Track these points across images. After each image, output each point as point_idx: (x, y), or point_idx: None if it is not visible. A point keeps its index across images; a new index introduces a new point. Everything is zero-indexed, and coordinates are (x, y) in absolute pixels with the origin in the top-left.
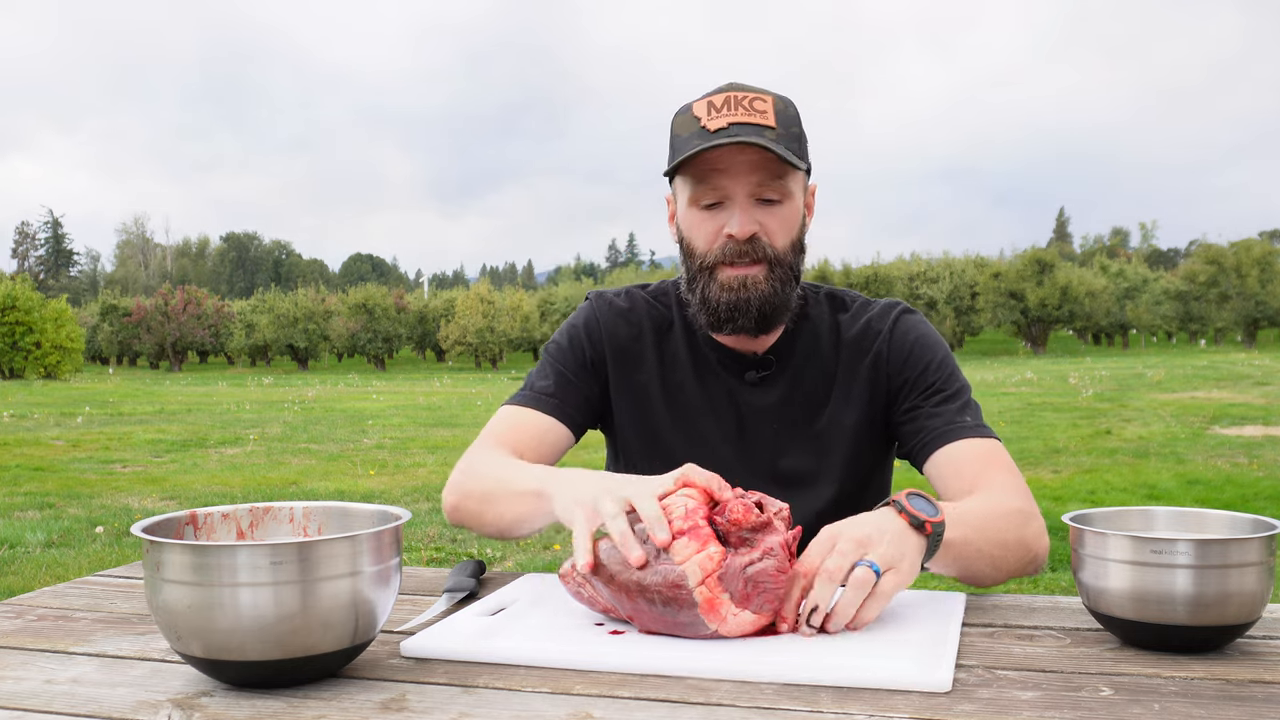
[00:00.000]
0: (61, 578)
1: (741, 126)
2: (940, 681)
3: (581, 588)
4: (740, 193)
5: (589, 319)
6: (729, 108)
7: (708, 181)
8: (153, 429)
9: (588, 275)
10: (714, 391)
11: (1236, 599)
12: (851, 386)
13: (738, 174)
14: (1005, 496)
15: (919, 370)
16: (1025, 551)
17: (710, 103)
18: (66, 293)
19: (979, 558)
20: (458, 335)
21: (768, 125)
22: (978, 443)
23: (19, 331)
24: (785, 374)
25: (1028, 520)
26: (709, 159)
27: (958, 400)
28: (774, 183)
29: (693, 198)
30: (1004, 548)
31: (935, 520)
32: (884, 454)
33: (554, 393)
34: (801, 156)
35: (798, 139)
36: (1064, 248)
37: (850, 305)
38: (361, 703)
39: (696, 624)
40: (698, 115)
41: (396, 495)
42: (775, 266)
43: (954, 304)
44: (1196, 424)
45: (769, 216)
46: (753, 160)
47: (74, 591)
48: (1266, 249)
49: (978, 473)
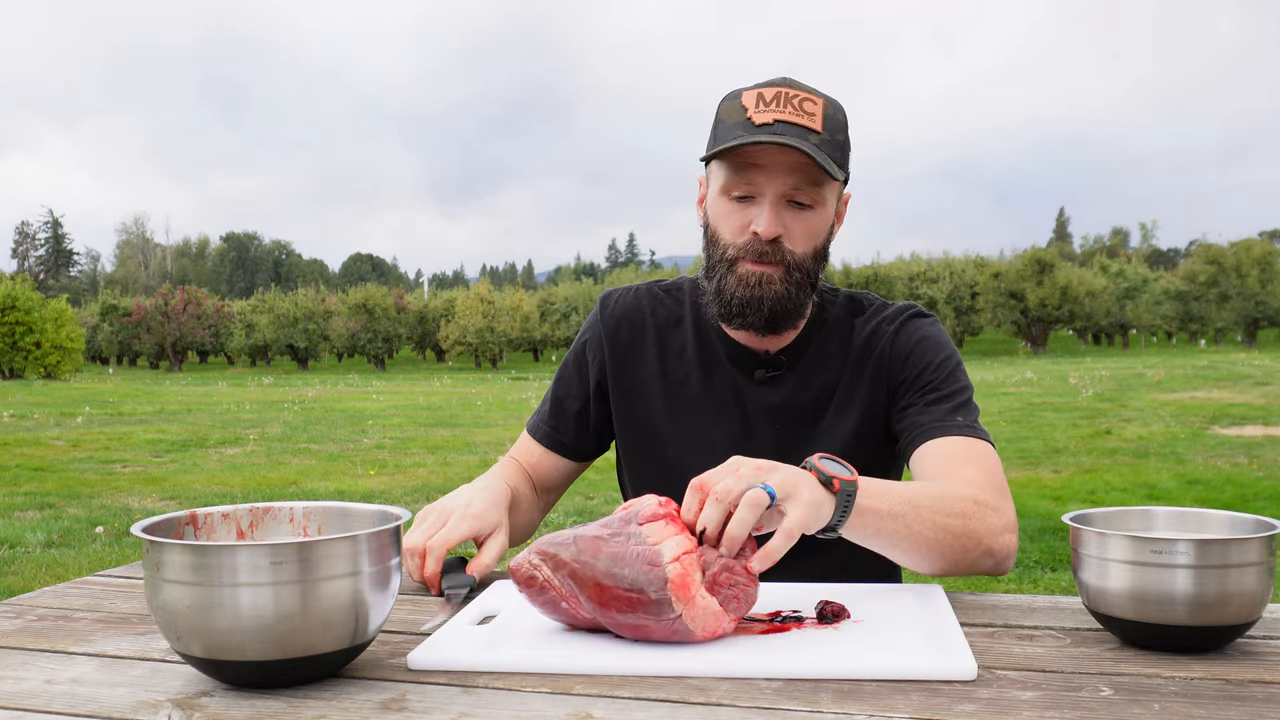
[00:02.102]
0: (61, 578)
1: (787, 126)
2: (965, 669)
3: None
4: (772, 192)
5: (590, 333)
6: (778, 104)
7: (743, 174)
8: (153, 429)
9: (588, 275)
10: (719, 387)
11: (1236, 599)
12: (856, 388)
13: (774, 173)
14: (965, 488)
15: (917, 370)
16: (974, 544)
17: (760, 95)
18: (66, 293)
19: (910, 537)
20: (458, 335)
21: (813, 129)
22: (961, 440)
23: (19, 331)
24: (794, 374)
25: (984, 513)
26: (748, 152)
27: (952, 401)
28: (809, 188)
29: (725, 186)
30: (946, 533)
31: (845, 479)
32: (888, 455)
33: (548, 420)
34: (842, 165)
35: (841, 147)
36: (1064, 248)
37: (867, 308)
38: (361, 703)
39: (663, 605)
40: (745, 105)
41: (396, 495)
42: (793, 270)
43: (954, 304)
44: (1196, 424)
45: (797, 221)
46: (792, 162)
47: (74, 591)
48: (1266, 249)
49: (953, 467)
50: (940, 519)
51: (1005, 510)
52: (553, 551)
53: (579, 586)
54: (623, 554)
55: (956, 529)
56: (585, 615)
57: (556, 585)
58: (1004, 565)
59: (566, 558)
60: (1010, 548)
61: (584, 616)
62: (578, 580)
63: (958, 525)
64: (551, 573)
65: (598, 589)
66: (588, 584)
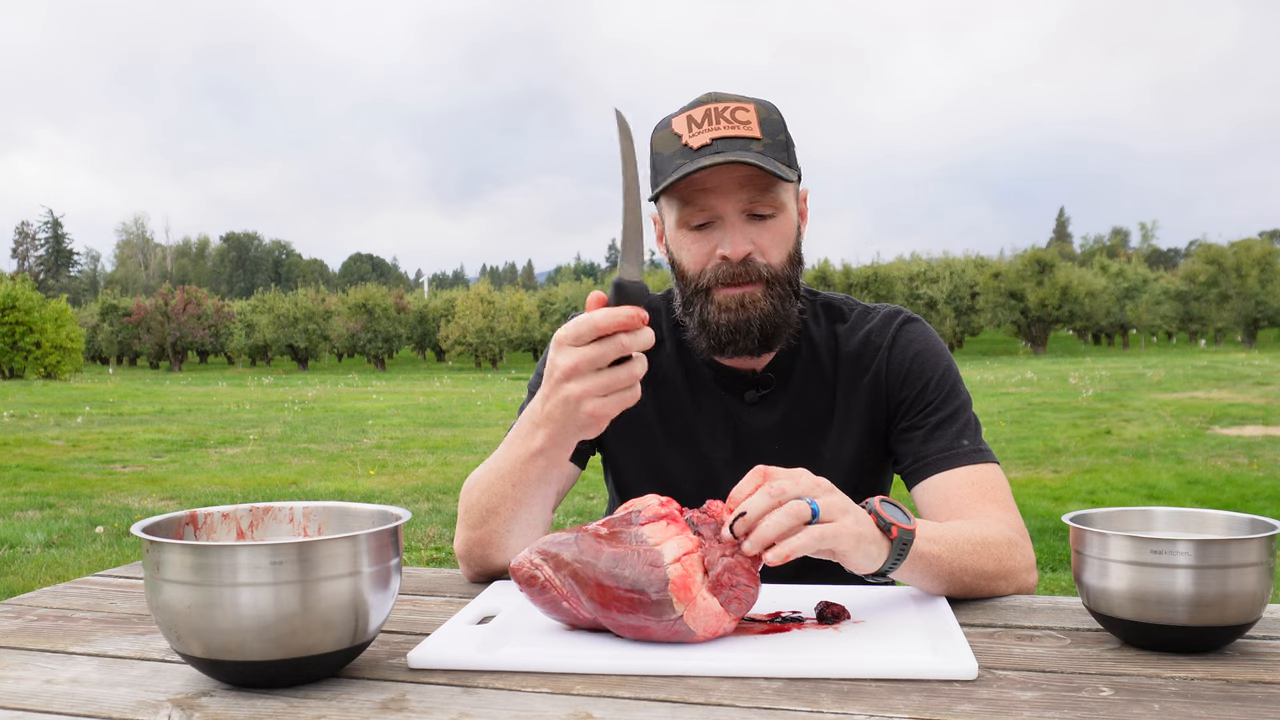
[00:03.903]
0: (61, 578)
1: (725, 141)
2: (966, 669)
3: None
4: (731, 211)
5: None
6: (710, 121)
7: (695, 202)
8: (153, 429)
9: (588, 275)
10: (711, 412)
11: (1236, 599)
12: (852, 405)
13: (726, 192)
14: (991, 526)
15: (918, 389)
16: (1008, 582)
17: (690, 117)
18: (66, 293)
19: (952, 580)
20: (458, 335)
21: (752, 136)
22: (971, 471)
23: (19, 331)
24: (786, 393)
25: (1012, 551)
26: (695, 179)
27: (956, 422)
28: (765, 197)
29: (681, 219)
30: (982, 577)
31: (904, 527)
32: (885, 472)
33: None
34: (790, 165)
35: (785, 146)
36: (1064, 248)
37: (848, 315)
38: (361, 703)
39: (664, 606)
40: (678, 132)
41: (396, 495)
42: (773, 284)
43: (954, 304)
44: (1196, 424)
45: (762, 233)
46: (741, 176)
47: (74, 591)
48: (1266, 249)
49: (968, 503)
50: (982, 564)
51: (1027, 544)
52: (554, 551)
53: (580, 586)
54: (624, 554)
55: (992, 573)
56: (586, 615)
57: (558, 585)
58: (1024, 593)
59: (568, 557)
60: (1035, 581)
61: (585, 616)
62: (579, 580)
63: (994, 569)
64: (553, 572)
65: (599, 589)
66: (589, 584)
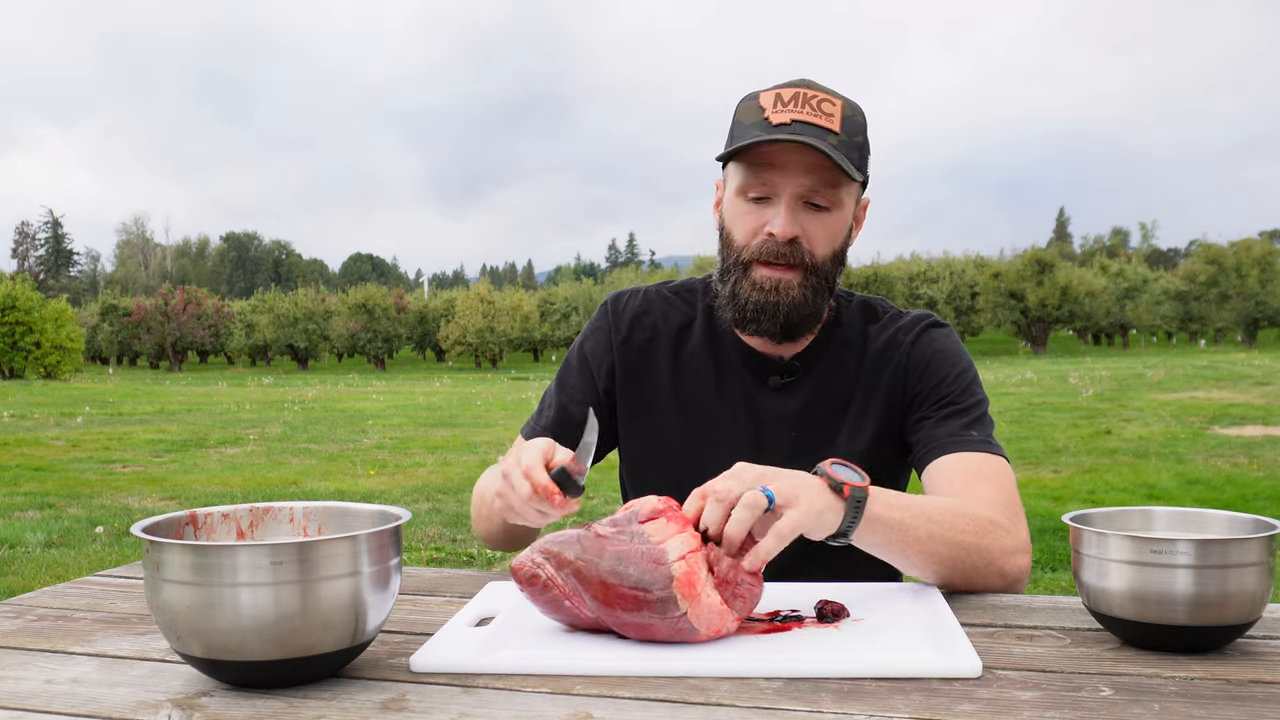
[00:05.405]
0: (61, 578)
1: (804, 126)
2: (970, 667)
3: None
4: (789, 192)
5: (597, 338)
6: (796, 104)
7: (759, 175)
8: (153, 429)
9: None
10: (732, 395)
11: (1236, 599)
12: (871, 398)
13: (791, 173)
14: (979, 506)
15: (934, 382)
16: (984, 563)
17: (778, 95)
18: (66, 293)
19: (920, 550)
20: (458, 335)
21: (831, 129)
22: (976, 457)
23: (19, 331)
24: (809, 382)
25: (996, 533)
26: (764, 152)
27: (968, 415)
28: (826, 189)
29: (741, 187)
30: (957, 549)
31: (856, 485)
32: (900, 466)
33: (552, 428)
34: (860, 167)
35: (859, 148)
36: (1064, 248)
37: (881, 316)
38: (361, 703)
39: (669, 603)
40: (763, 105)
41: (396, 495)
42: (811, 274)
43: (954, 304)
44: (1196, 424)
45: (814, 222)
46: (809, 162)
47: (74, 591)
48: (1266, 249)
49: (967, 485)
50: (952, 535)
51: (1018, 532)
52: (556, 550)
53: (583, 585)
54: (627, 552)
55: (968, 545)
56: (588, 614)
57: (560, 584)
58: (1015, 587)
59: (570, 556)
60: (1022, 569)
61: (586, 616)
62: (581, 579)
63: (969, 542)
64: (555, 571)
65: (602, 587)
66: (592, 582)
